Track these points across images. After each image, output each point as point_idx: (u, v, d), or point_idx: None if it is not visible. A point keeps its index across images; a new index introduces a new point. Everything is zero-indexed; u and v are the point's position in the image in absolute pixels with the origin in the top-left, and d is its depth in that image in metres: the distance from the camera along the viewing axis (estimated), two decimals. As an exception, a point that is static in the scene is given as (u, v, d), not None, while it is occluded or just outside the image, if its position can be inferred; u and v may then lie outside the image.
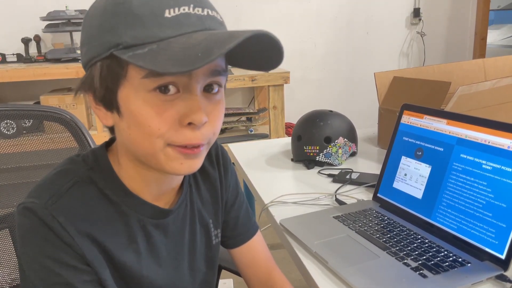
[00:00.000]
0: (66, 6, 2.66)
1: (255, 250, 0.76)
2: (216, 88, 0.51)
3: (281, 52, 0.48)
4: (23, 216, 0.51)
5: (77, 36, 2.79)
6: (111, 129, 0.55)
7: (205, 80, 0.50)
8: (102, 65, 0.49)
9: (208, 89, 0.51)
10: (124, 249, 0.56)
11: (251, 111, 3.24)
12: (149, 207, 0.58)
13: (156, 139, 0.49)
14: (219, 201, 0.70)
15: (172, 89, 0.48)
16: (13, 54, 2.72)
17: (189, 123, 0.49)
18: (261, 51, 0.49)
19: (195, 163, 0.53)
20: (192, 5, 0.47)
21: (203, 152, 0.53)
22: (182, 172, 0.53)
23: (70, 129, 0.87)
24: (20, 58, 2.70)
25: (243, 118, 3.32)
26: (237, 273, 0.80)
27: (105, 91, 0.50)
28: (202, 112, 0.48)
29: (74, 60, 2.61)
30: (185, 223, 0.63)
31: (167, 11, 0.46)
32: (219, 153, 0.71)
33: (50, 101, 2.59)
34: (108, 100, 0.50)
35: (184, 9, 0.46)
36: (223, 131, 3.37)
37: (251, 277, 0.76)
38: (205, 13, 0.48)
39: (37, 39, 2.70)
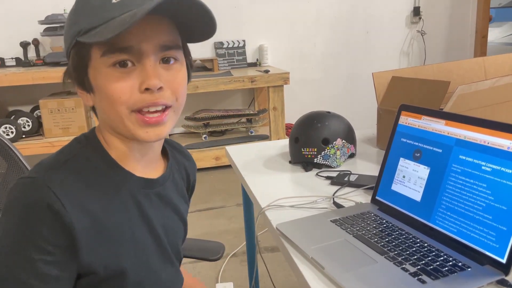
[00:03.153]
0: (64, 10, 2.65)
1: None
2: (171, 60, 0.60)
3: (207, 11, 0.57)
4: (16, 189, 0.56)
5: (76, 39, 2.79)
6: (95, 110, 0.65)
7: (156, 54, 0.58)
8: (73, 52, 0.59)
9: (165, 60, 0.60)
10: (116, 214, 0.61)
11: (251, 112, 3.23)
12: (136, 178, 0.65)
13: (120, 106, 0.57)
14: (189, 192, 0.81)
15: (129, 63, 0.57)
16: (12, 58, 2.72)
17: (146, 89, 0.57)
18: (197, 18, 0.58)
19: (161, 130, 0.60)
20: None
21: (168, 120, 0.61)
22: (150, 139, 0.60)
23: None
24: (19, 62, 2.70)
25: (243, 119, 3.31)
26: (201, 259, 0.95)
27: (79, 74, 0.60)
28: (155, 78, 0.57)
29: (73, 63, 2.61)
30: (169, 201, 0.71)
31: None
32: (188, 152, 0.84)
33: (49, 104, 2.59)
34: (83, 81, 0.60)
35: None
36: (223, 132, 3.36)
37: None
38: None
39: (36, 42, 2.70)
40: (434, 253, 0.71)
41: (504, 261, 0.65)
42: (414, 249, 0.72)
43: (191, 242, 1.02)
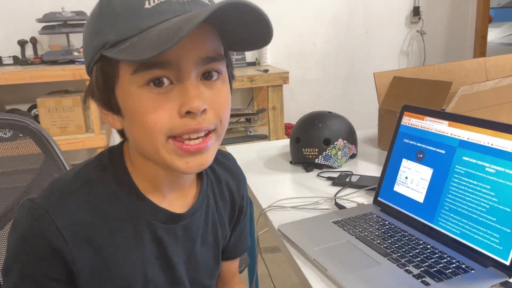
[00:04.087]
0: (62, 8, 2.64)
1: (235, 266, 0.77)
2: (215, 76, 0.51)
3: (265, 20, 0.47)
4: (21, 210, 0.52)
5: (74, 38, 2.77)
6: (122, 133, 0.56)
7: (198, 68, 0.49)
8: (97, 68, 0.50)
9: (207, 76, 0.50)
10: (129, 252, 0.54)
11: (250, 112, 3.22)
12: (160, 211, 0.56)
13: (156, 134, 0.48)
14: (234, 213, 0.70)
15: (166, 81, 0.48)
16: (10, 57, 2.70)
17: (188, 112, 0.48)
18: (249, 25, 0.48)
19: (203, 159, 0.51)
20: None
21: (211, 146, 0.52)
22: (191, 171, 0.51)
23: (33, 137, 0.85)
24: (16, 61, 2.68)
25: (242, 119, 3.29)
26: None
27: (104, 94, 0.51)
28: (198, 99, 0.47)
29: (71, 62, 2.59)
30: (197, 233, 0.62)
31: (146, 2, 0.46)
32: (236, 164, 0.73)
33: (47, 103, 2.57)
34: (109, 102, 0.51)
35: None
36: (222, 132, 3.34)
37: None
38: None
39: (34, 41, 2.68)
40: (437, 255, 0.70)
41: (508, 263, 0.65)
42: (417, 250, 0.72)
43: None
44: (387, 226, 0.81)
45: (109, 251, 0.53)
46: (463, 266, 0.67)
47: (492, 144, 0.71)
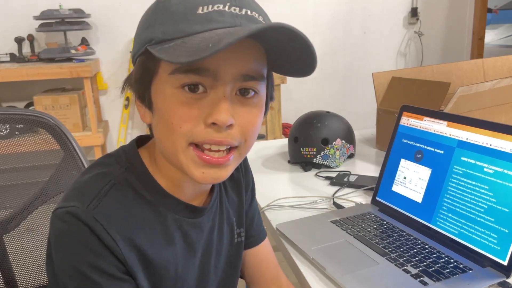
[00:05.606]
0: (60, 5, 2.62)
1: (264, 253, 0.76)
2: (251, 93, 0.51)
3: (310, 51, 0.47)
4: (62, 220, 0.50)
5: (71, 36, 2.76)
6: (150, 128, 0.56)
7: (235, 83, 0.49)
8: (140, 60, 0.51)
9: (243, 92, 0.50)
10: (163, 250, 0.55)
11: (248, 111, 3.22)
12: (184, 206, 0.57)
13: (178, 137, 0.49)
14: (243, 200, 0.70)
15: (200, 88, 0.48)
16: (6, 54, 2.68)
17: (213, 123, 0.48)
18: (295, 52, 0.49)
19: (220, 174, 0.51)
20: (228, 4, 0.48)
21: (231, 162, 0.52)
22: (206, 182, 0.51)
23: (52, 133, 0.85)
24: (13, 58, 2.67)
25: (240, 118, 3.30)
26: None
27: (140, 86, 0.52)
28: (226, 113, 0.48)
29: (68, 59, 2.58)
30: (215, 221, 0.63)
31: (200, 8, 0.47)
32: None
33: (43, 101, 2.56)
34: (143, 96, 0.52)
35: (218, 7, 0.47)
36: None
37: (258, 279, 0.76)
38: (243, 12, 0.48)
39: (31, 38, 2.67)
40: (435, 255, 0.70)
41: (505, 263, 0.65)
42: (415, 250, 0.72)
43: None
44: (385, 226, 0.81)
45: (146, 249, 0.53)
46: (461, 266, 0.67)
47: (490, 145, 0.71)
